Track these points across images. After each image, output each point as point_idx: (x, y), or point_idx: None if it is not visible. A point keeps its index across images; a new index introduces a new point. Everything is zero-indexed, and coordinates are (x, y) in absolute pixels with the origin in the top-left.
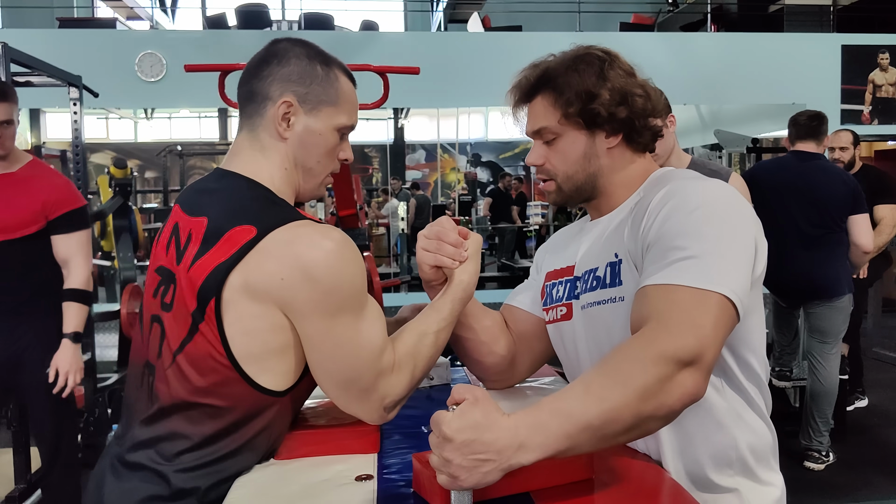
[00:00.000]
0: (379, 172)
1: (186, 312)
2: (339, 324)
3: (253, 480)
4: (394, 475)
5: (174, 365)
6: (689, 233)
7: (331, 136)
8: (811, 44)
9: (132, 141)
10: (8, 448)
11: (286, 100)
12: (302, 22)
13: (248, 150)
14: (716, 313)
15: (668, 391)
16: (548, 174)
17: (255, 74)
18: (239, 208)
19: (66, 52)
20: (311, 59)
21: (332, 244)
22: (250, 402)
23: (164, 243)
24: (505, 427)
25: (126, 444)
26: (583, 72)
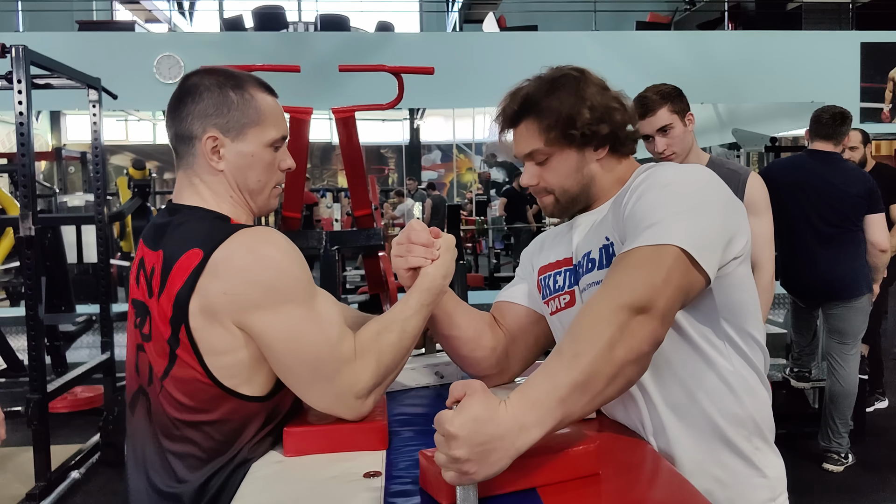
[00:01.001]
0: (395, 173)
1: (163, 340)
2: (287, 316)
3: (262, 477)
4: (402, 472)
5: (164, 391)
6: (657, 205)
7: (264, 154)
8: (830, 41)
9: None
10: (28, 446)
11: (210, 135)
12: (318, 23)
13: (190, 187)
14: (669, 264)
15: (630, 336)
16: (544, 191)
17: (175, 116)
18: (188, 234)
19: (85, 54)
20: (221, 87)
21: (263, 245)
22: (241, 411)
23: (134, 277)
24: (503, 413)
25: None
26: (561, 95)
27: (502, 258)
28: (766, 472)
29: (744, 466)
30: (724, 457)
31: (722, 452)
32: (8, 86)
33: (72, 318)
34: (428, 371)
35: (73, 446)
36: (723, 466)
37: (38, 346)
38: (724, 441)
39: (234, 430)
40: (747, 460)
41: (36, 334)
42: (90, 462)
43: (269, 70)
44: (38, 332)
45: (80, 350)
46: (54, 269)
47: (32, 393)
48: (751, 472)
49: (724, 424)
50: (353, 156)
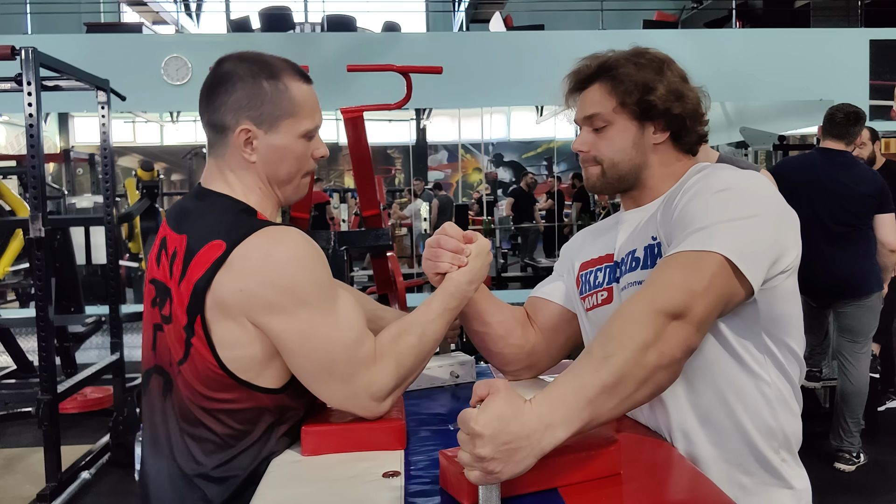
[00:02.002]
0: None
1: (181, 327)
2: (303, 319)
3: (281, 476)
4: (421, 472)
5: (181, 375)
6: (708, 210)
7: (297, 145)
8: (838, 39)
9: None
10: (39, 447)
11: (243, 127)
12: (325, 24)
13: (220, 175)
14: (711, 271)
15: (664, 341)
16: (593, 160)
17: (208, 105)
18: (212, 225)
19: (93, 56)
20: (255, 77)
21: (283, 247)
22: (254, 401)
23: (154, 256)
24: (529, 412)
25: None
26: (642, 66)
27: (509, 258)
28: (793, 483)
29: (770, 477)
30: (752, 466)
31: (749, 462)
32: (18, 88)
33: (81, 319)
34: (443, 370)
35: (83, 447)
36: (750, 475)
37: (49, 348)
38: (753, 451)
39: (248, 420)
40: (774, 471)
41: (46, 335)
42: (100, 462)
43: None
44: (48, 334)
45: (89, 351)
46: (64, 270)
47: (43, 394)
48: (777, 482)
49: (754, 434)
50: (362, 156)
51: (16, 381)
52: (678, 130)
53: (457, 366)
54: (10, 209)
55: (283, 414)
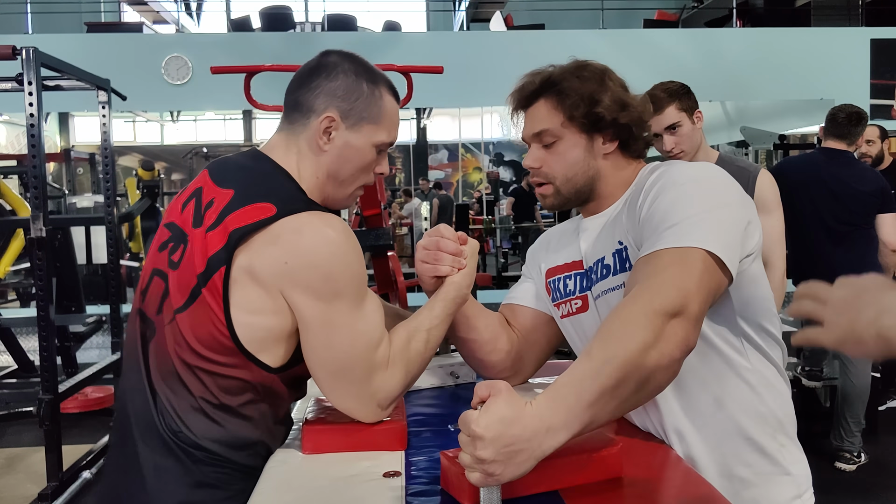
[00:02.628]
0: (402, 172)
1: (192, 274)
2: (335, 310)
3: (280, 474)
4: (421, 472)
5: (173, 323)
6: (676, 205)
7: (368, 152)
8: (839, 38)
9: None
10: (39, 446)
11: (329, 114)
12: (325, 23)
13: (285, 150)
14: (699, 267)
15: (663, 341)
16: (545, 177)
17: (303, 84)
18: (265, 188)
19: (93, 56)
20: (358, 75)
21: (334, 233)
22: (245, 371)
23: (181, 202)
24: (530, 415)
25: (139, 405)
26: (585, 79)
27: (510, 257)
28: (791, 469)
29: (769, 465)
30: (749, 456)
31: (746, 452)
32: (18, 87)
33: (82, 318)
34: (443, 372)
35: (84, 446)
36: (748, 466)
37: (50, 347)
38: (749, 440)
39: (228, 389)
40: (772, 458)
41: (47, 335)
42: (101, 462)
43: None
44: (49, 333)
45: (90, 350)
46: (64, 270)
47: (44, 393)
48: (776, 469)
49: (747, 423)
50: None
51: (17, 380)
52: (626, 139)
53: (457, 366)
54: (11, 209)
55: (266, 395)
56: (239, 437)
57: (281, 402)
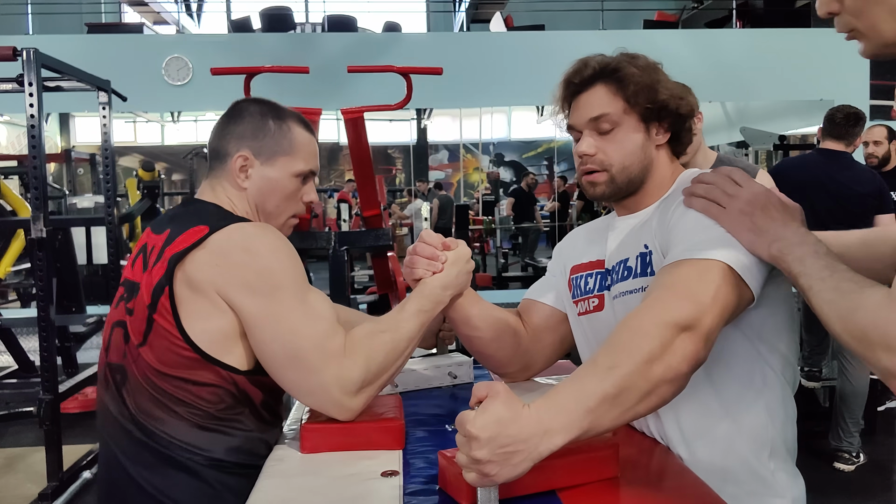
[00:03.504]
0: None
1: (143, 308)
2: (276, 302)
3: (279, 473)
4: (419, 472)
5: (139, 359)
6: (702, 222)
7: (289, 182)
8: (839, 38)
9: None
10: (40, 446)
11: (241, 154)
12: (325, 24)
13: (212, 191)
14: (717, 281)
15: (671, 354)
16: (600, 165)
17: (217, 135)
18: (198, 216)
19: (94, 56)
20: (263, 115)
21: (263, 232)
22: (216, 377)
23: (131, 261)
24: (527, 416)
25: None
26: (641, 66)
27: (510, 258)
28: (785, 493)
29: (761, 486)
30: (740, 476)
31: (737, 472)
32: (19, 88)
33: (82, 318)
34: (441, 371)
35: (84, 446)
36: (739, 484)
37: (50, 347)
38: (742, 461)
39: (207, 400)
40: (763, 482)
41: (47, 335)
42: None
43: (277, 71)
44: (49, 333)
45: (90, 351)
46: (65, 270)
47: (44, 393)
48: (767, 491)
49: (743, 445)
50: (362, 156)
51: (17, 380)
52: (679, 131)
53: (455, 366)
54: (12, 209)
55: (243, 399)
56: (229, 443)
57: (261, 404)
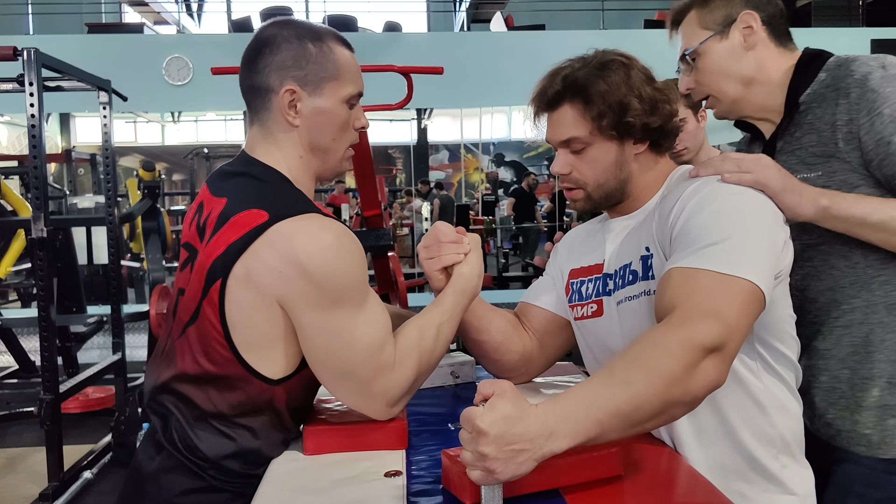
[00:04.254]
0: (403, 173)
1: (197, 288)
2: (334, 316)
3: (283, 474)
4: (422, 472)
5: (183, 336)
6: (715, 223)
7: (341, 110)
8: (840, 38)
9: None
10: (40, 446)
11: (288, 87)
12: (325, 24)
13: (262, 143)
14: (741, 299)
15: (693, 378)
16: (576, 183)
17: (251, 68)
18: (254, 193)
19: (94, 56)
20: (300, 38)
21: (329, 236)
22: (244, 385)
23: (188, 219)
24: (535, 416)
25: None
26: (610, 81)
27: (511, 258)
28: (795, 489)
29: (770, 484)
30: (749, 474)
31: (746, 470)
32: (20, 88)
33: (83, 319)
34: (443, 371)
35: (84, 447)
36: (748, 483)
37: (51, 348)
38: (749, 459)
39: (233, 405)
40: (773, 478)
41: (48, 335)
42: (102, 462)
43: None
44: (50, 334)
45: (90, 351)
46: (65, 270)
47: (45, 394)
48: (777, 488)
49: (750, 442)
50: (363, 156)
51: (18, 380)
52: (657, 138)
53: (457, 366)
54: (13, 209)
55: (268, 408)
56: (243, 448)
57: (284, 414)
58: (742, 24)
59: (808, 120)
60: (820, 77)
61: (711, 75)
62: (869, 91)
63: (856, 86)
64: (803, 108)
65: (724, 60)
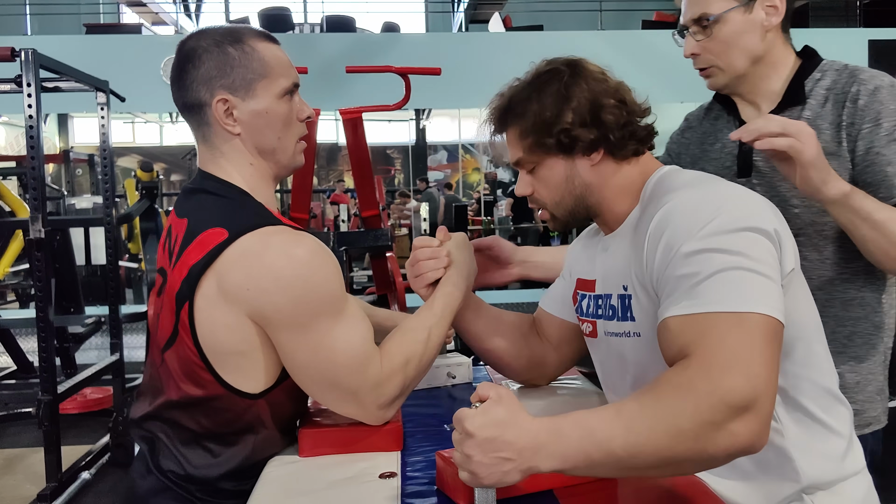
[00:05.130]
0: (401, 173)
1: (170, 313)
2: (312, 331)
3: (278, 477)
4: (417, 473)
5: (164, 364)
6: (702, 251)
7: (279, 107)
8: (837, 39)
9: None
10: (38, 447)
11: (219, 98)
12: (324, 24)
13: (211, 159)
14: (762, 339)
15: (712, 439)
16: (538, 203)
17: (180, 86)
18: (212, 210)
19: (92, 57)
20: (220, 45)
21: (300, 251)
22: (229, 404)
23: (161, 244)
24: (527, 428)
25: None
26: (542, 97)
27: None
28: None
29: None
30: None
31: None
32: (17, 89)
33: (81, 319)
34: (440, 372)
35: (83, 447)
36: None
37: (49, 348)
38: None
39: (224, 422)
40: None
41: (46, 336)
42: (100, 463)
43: None
44: (48, 334)
45: (88, 351)
46: (63, 271)
47: (43, 394)
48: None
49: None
50: (361, 157)
51: (16, 381)
52: (608, 147)
53: (454, 367)
54: (10, 210)
55: (255, 422)
56: (234, 467)
57: (272, 428)
58: (767, 2)
59: (805, 116)
60: (815, 76)
61: (725, 45)
62: (877, 102)
63: (865, 94)
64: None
65: (742, 34)
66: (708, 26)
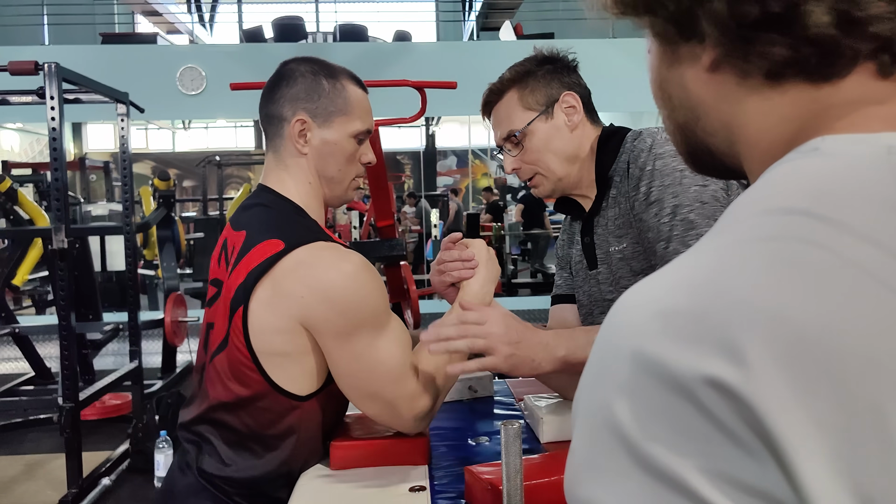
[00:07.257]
0: (411, 179)
1: (224, 318)
2: (355, 342)
3: (311, 489)
4: (444, 487)
5: (212, 366)
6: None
7: (347, 144)
8: None
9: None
10: (59, 453)
11: (299, 118)
12: (337, 33)
13: (275, 170)
14: None
15: None
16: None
17: (269, 98)
18: (270, 223)
19: (109, 67)
20: (315, 74)
21: (350, 267)
22: (275, 405)
23: (216, 257)
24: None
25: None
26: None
27: (520, 264)
28: None
29: None
30: None
31: None
32: (39, 101)
33: (100, 326)
34: (461, 386)
35: (102, 453)
36: None
37: (71, 356)
38: None
39: (264, 423)
40: None
41: (68, 343)
42: (120, 469)
43: None
44: (70, 342)
45: (105, 357)
46: (82, 278)
47: (65, 401)
48: None
49: None
50: (377, 168)
51: (34, 387)
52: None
53: (475, 381)
54: (29, 218)
55: (297, 424)
56: (275, 471)
57: (316, 432)
58: (564, 105)
59: (612, 194)
60: (620, 152)
61: (539, 154)
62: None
63: (644, 156)
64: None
65: (551, 139)
66: (518, 141)
